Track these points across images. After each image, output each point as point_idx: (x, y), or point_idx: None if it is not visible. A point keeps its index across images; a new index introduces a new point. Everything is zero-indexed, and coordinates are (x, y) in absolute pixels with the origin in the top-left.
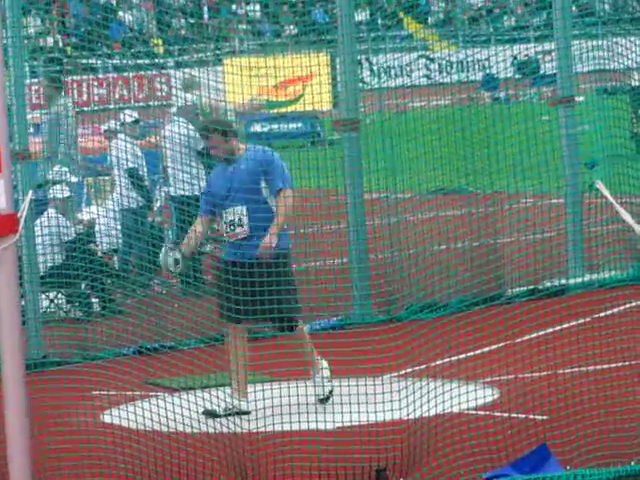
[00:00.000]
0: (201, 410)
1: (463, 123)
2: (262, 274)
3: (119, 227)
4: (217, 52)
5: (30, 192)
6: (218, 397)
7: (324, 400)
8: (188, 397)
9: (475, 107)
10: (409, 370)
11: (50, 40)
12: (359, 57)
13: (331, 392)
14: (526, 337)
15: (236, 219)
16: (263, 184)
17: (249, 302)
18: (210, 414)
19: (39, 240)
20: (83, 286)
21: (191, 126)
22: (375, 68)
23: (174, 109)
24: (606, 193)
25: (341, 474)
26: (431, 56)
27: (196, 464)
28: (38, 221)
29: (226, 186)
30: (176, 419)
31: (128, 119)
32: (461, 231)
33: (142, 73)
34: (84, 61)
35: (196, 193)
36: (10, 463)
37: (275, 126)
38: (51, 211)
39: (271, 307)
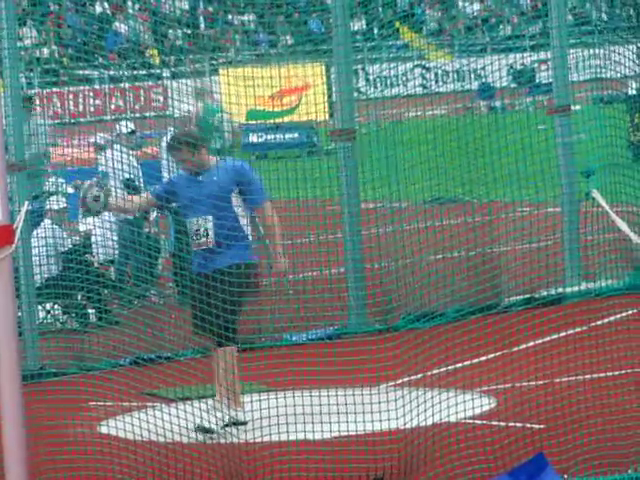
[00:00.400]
0: (193, 426)
1: (459, 132)
2: (223, 286)
3: (115, 238)
4: (213, 62)
5: (26, 203)
6: (215, 408)
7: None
8: (185, 407)
9: (471, 116)
10: (406, 379)
11: (46, 51)
12: (355, 67)
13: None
14: (523, 346)
15: (202, 230)
16: (234, 196)
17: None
18: (203, 430)
19: (35, 251)
20: (79, 297)
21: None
22: (371, 78)
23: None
24: (602, 202)
25: None
26: (427, 65)
27: (193, 474)
28: (34, 232)
29: (195, 194)
30: (173, 429)
31: (124, 130)
32: (457, 240)
33: (138, 84)
34: (80, 72)
35: None
36: (7, 474)
37: (271, 136)
38: (47, 222)
39: (218, 317)
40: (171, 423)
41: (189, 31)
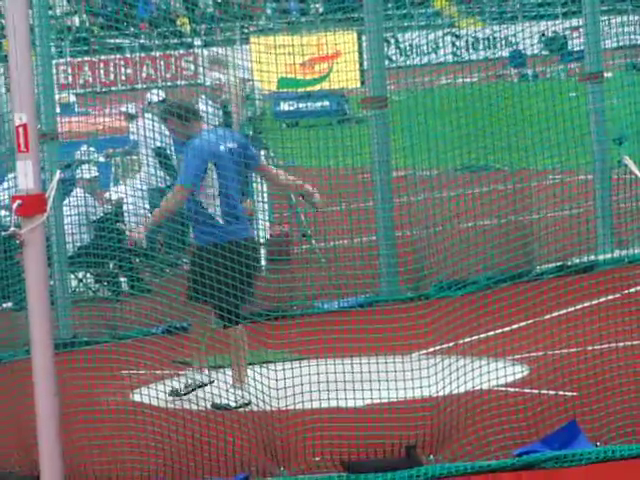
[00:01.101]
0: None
1: (490, 100)
2: (195, 262)
3: (147, 206)
4: (244, 31)
5: (58, 172)
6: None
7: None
8: (217, 375)
9: (502, 84)
10: (438, 347)
11: (77, 20)
12: (386, 35)
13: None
14: (555, 314)
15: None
16: None
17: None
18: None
19: (67, 220)
20: (111, 265)
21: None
22: (402, 46)
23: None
24: (634, 168)
25: (371, 451)
26: (458, 33)
27: (226, 442)
28: (66, 201)
29: None
30: (205, 397)
31: (155, 98)
32: (489, 208)
33: (169, 52)
34: (111, 41)
35: None
36: (40, 443)
37: (302, 104)
38: (79, 191)
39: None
40: (204, 391)
41: None
